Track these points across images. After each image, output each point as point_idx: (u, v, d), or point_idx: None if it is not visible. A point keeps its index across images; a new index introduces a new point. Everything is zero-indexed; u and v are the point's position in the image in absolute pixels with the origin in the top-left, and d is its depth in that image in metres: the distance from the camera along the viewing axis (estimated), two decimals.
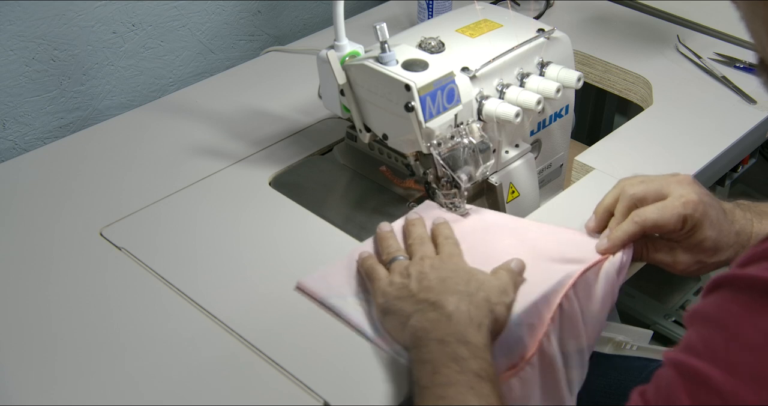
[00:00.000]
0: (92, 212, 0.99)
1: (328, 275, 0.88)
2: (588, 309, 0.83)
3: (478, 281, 0.78)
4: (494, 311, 0.76)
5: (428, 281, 0.78)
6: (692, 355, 0.53)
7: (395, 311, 0.78)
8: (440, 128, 0.87)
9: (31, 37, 1.11)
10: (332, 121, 1.14)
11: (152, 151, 1.09)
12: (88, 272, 0.91)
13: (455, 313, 0.74)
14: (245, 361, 0.80)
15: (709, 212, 0.82)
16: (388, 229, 0.89)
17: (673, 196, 0.83)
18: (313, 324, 0.83)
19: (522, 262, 0.83)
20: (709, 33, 1.32)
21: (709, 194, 0.84)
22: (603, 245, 0.85)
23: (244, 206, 1.00)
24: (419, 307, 0.76)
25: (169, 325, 0.84)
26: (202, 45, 1.32)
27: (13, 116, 1.14)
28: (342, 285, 0.86)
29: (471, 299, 0.76)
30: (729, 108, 1.16)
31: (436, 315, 0.75)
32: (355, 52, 0.92)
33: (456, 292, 0.76)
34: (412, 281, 0.79)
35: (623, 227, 0.84)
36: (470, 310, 0.75)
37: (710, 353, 0.52)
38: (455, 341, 0.72)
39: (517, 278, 0.82)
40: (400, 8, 1.42)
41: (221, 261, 0.91)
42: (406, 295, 0.78)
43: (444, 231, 0.87)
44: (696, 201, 0.82)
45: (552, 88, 0.93)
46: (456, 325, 0.74)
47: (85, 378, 0.79)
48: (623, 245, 0.85)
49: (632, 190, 0.85)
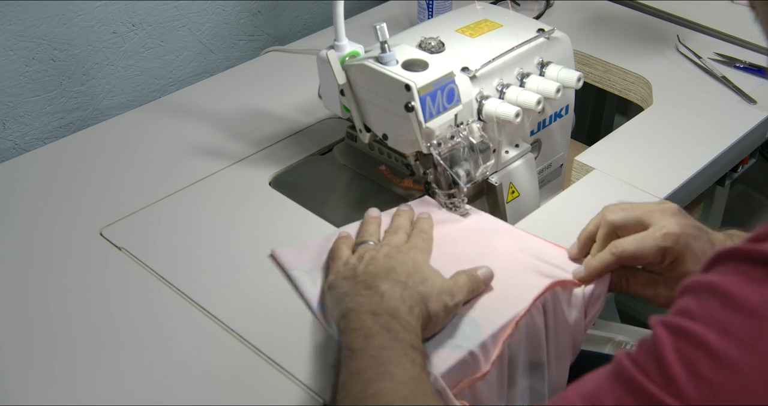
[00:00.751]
0: (92, 212, 0.99)
1: (302, 249, 0.90)
2: (555, 325, 0.82)
3: (422, 277, 0.78)
4: (429, 307, 0.76)
5: (375, 267, 0.79)
6: (686, 317, 0.51)
7: (335, 288, 0.80)
8: (440, 128, 0.87)
9: (31, 37, 1.11)
10: (332, 121, 1.14)
11: (152, 151, 1.09)
12: (88, 272, 0.91)
13: (387, 293, 0.76)
14: (245, 361, 0.80)
15: (692, 245, 0.78)
16: (374, 215, 0.91)
17: (654, 227, 0.79)
18: (313, 324, 0.83)
19: (491, 272, 0.82)
20: (709, 33, 1.32)
21: (696, 226, 0.81)
22: (580, 274, 0.83)
23: (244, 206, 1.00)
24: (355, 288, 0.78)
25: (169, 325, 0.84)
26: (202, 45, 1.32)
27: (13, 116, 1.14)
28: (311, 260, 0.88)
29: (405, 288, 0.76)
30: (729, 108, 1.16)
31: (368, 293, 0.76)
32: (355, 52, 0.92)
33: (393, 281, 0.77)
34: (361, 264, 0.80)
35: (600, 256, 0.82)
36: (403, 294, 0.76)
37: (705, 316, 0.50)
38: (387, 315, 0.73)
39: (479, 285, 0.81)
40: (400, 8, 1.42)
41: (221, 261, 0.91)
42: (350, 275, 0.80)
43: (422, 225, 0.88)
44: (677, 233, 0.78)
45: (552, 88, 0.93)
46: (388, 302, 0.75)
47: (85, 378, 0.79)
48: (600, 274, 0.82)
49: (612, 217, 0.82)
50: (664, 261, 0.79)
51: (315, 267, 0.88)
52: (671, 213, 0.81)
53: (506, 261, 0.86)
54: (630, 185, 1.01)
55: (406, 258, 0.80)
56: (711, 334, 0.49)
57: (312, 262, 0.88)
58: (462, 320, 0.80)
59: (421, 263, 0.81)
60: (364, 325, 0.73)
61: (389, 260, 0.80)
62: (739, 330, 0.49)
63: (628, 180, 1.02)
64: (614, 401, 0.51)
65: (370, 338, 0.71)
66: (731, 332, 0.49)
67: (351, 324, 0.74)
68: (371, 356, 0.70)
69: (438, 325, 0.78)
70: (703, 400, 0.48)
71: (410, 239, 0.86)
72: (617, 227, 0.82)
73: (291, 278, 0.87)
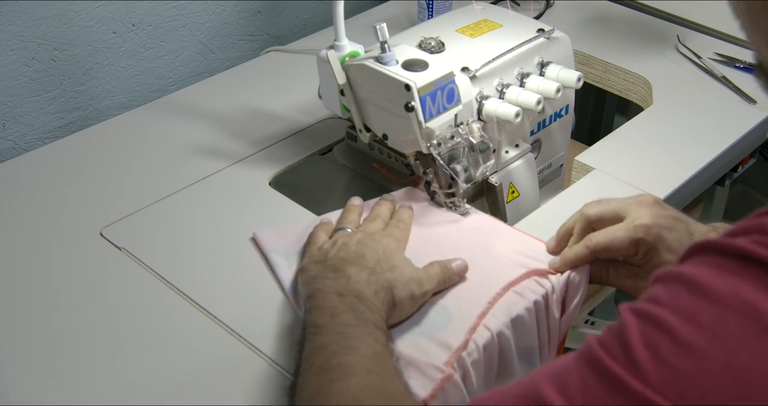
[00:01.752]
0: (92, 212, 0.99)
1: (283, 233, 0.92)
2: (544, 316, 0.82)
3: (391, 264, 0.79)
4: (394, 294, 0.77)
5: (345, 252, 0.80)
6: (653, 303, 0.52)
7: (306, 271, 0.81)
8: (440, 128, 0.87)
9: (31, 37, 1.11)
10: (332, 121, 1.14)
11: (152, 151, 1.09)
12: (88, 272, 0.91)
13: (354, 276, 0.77)
14: (245, 361, 0.80)
15: (665, 236, 0.78)
16: (356, 203, 0.92)
17: (627, 219, 0.80)
18: None
19: (465, 264, 0.83)
20: (709, 33, 1.32)
21: (673, 216, 0.81)
22: (555, 264, 0.84)
23: (244, 206, 0.99)
24: (324, 272, 0.79)
25: (169, 325, 0.84)
26: (202, 45, 1.32)
27: (13, 116, 1.14)
28: (290, 244, 0.90)
29: (372, 273, 0.78)
30: (729, 108, 1.16)
31: (335, 276, 0.78)
32: (355, 52, 0.92)
33: (361, 265, 0.78)
34: (333, 249, 0.82)
35: (575, 248, 0.83)
36: (369, 279, 0.77)
37: (672, 302, 0.51)
38: (353, 296, 0.75)
39: (452, 277, 0.82)
40: (400, 8, 1.42)
41: (221, 261, 0.91)
42: (321, 259, 0.81)
43: (401, 215, 0.90)
44: (648, 225, 0.78)
45: (552, 88, 0.93)
46: (354, 284, 0.76)
47: (85, 378, 0.79)
48: (573, 266, 0.83)
49: (588, 211, 0.83)
50: (638, 253, 0.80)
51: (292, 251, 0.89)
52: (647, 204, 0.82)
53: (481, 253, 0.86)
54: (630, 185, 1.01)
55: (377, 245, 0.81)
56: (676, 320, 0.50)
57: (290, 246, 0.90)
58: (432, 307, 0.81)
59: (393, 250, 0.82)
60: (330, 304, 0.74)
61: (360, 247, 0.81)
62: (704, 317, 0.50)
63: (628, 180, 1.02)
64: (580, 380, 0.52)
65: (336, 316, 0.73)
66: (696, 318, 0.50)
67: (317, 303, 0.75)
68: (336, 332, 0.71)
69: (403, 313, 0.79)
70: (664, 382, 0.49)
71: (387, 228, 0.87)
72: (593, 220, 0.83)
73: (268, 261, 0.89)
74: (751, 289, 0.49)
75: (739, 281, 0.50)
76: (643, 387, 0.49)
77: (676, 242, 0.79)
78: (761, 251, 0.49)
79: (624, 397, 0.50)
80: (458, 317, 0.79)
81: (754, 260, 0.49)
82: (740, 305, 0.49)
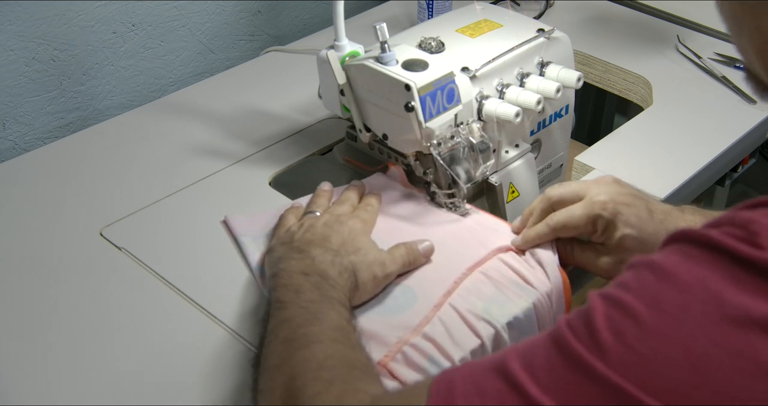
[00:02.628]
0: (92, 212, 0.99)
1: (254, 218, 0.94)
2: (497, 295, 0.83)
3: (355, 247, 0.81)
4: (357, 276, 0.79)
5: (311, 234, 0.82)
6: (620, 289, 0.53)
7: (272, 252, 0.83)
8: (440, 128, 0.87)
9: (31, 37, 1.11)
10: (332, 121, 1.14)
11: (152, 151, 1.09)
12: (88, 272, 0.91)
13: (318, 257, 0.79)
14: (246, 361, 0.80)
15: (622, 211, 0.81)
16: (326, 188, 0.94)
17: (586, 198, 0.83)
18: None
19: (432, 246, 0.85)
20: (709, 33, 1.32)
21: (632, 194, 0.83)
22: (517, 242, 0.87)
23: (244, 206, 0.99)
24: (289, 253, 0.80)
25: (169, 325, 0.84)
26: (202, 45, 1.32)
27: (13, 116, 1.14)
28: (260, 228, 0.92)
29: (336, 255, 0.79)
30: (729, 108, 1.16)
31: (300, 256, 0.79)
32: (355, 52, 0.92)
33: (325, 248, 0.80)
34: (299, 231, 0.83)
35: (536, 227, 0.86)
36: (334, 260, 0.79)
37: (639, 288, 0.53)
38: (317, 275, 0.77)
39: (418, 258, 0.84)
40: (400, 8, 1.42)
41: (221, 261, 0.91)
42: (287, 240, 0.83)
43: (369, 199, 0.92)
44: (604, 201, 0.81)
45: (552, 88, 0.93)
46: (319, 265, 0.78)
47: (85, 378, 0.79)
48: (534, 244, 0.86)
49: (550, 193, 0.86)
50: (597, 229, 0.83)
51: (262, 235, 0.91)
52: (605, 183, 0.85)
53: (448, 235, 0.88)
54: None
55: (343, 228, 0.83)
56: (641, 305, 0.51)
57: (260, 230, 0.92)
58: (397, 288, 0.82)
59: (358, 232, 0.83)
60: (295, 282, 0.76)
61: (326, 229, 0.83)
62: (669, 304, 0.51)
63: (628, 180, 1.01)
64: (546, 358, 0.53)
65: (301, 293, 0.75)
66: (661, 305, 0.51)
67: (282, 281, 0.77)
68: (301, 307, 0.73)
69: (366, 294, 0.80)
70: (626, 365, 0.50)
71: (355, 211, 0.89)
72: (555, 202, 0.86)
73: (239, 244, 0.91)
74: (718, 278, 0.50)
75: (706, 270, 0.51)
76: (606, 369, 0.50)
77: (635, 217, 0.81)
78: (730, 242, 0.50)
79: (587, 377, 0.51)
80: (423, 298, 0.81)
81: (723, 251, 0.51)
82: (705, 293, 0.50)
